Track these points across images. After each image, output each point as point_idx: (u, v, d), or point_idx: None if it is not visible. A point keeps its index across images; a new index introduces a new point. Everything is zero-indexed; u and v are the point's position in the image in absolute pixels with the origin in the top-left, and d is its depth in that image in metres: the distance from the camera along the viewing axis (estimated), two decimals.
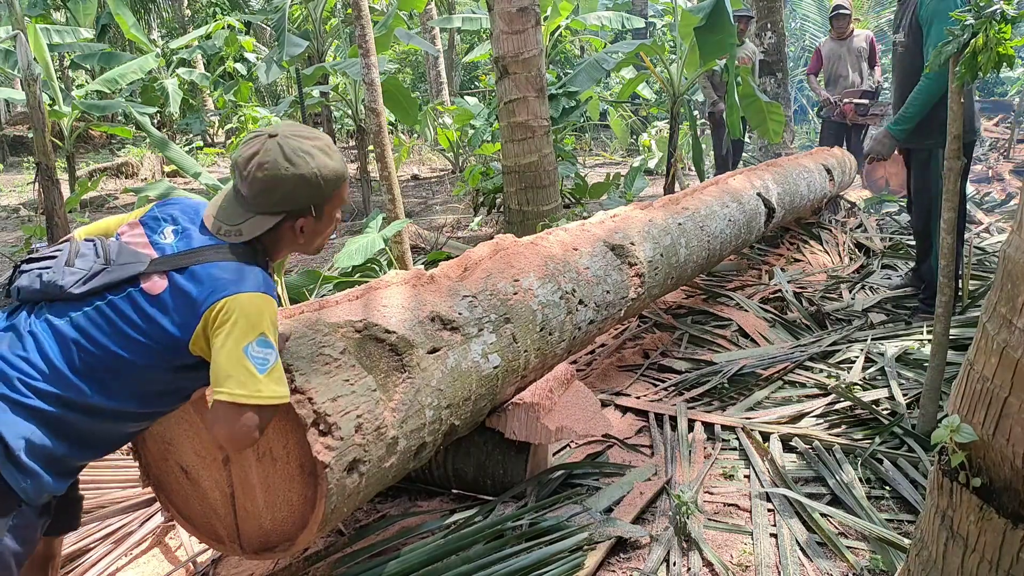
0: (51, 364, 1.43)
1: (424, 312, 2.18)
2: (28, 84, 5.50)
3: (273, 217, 1.59)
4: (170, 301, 1.48)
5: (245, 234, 1.57)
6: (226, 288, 1.48)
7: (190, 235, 1.58)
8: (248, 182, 1.57)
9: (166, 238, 1.57)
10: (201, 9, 15.57)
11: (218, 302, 1.47)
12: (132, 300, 1.48)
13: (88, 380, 1.45)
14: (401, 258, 4.87)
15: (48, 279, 1.46)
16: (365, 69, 4.68)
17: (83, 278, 1.47)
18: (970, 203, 6.88)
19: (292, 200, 1.58)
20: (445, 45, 16.22)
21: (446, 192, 9.89)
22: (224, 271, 1.51)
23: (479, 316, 2.33)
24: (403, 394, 1.96)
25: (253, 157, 1.57)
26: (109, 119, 10.17)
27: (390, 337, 2.00)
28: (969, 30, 2.45)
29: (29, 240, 6.30)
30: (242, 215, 1.59)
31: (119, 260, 1.50)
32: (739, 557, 2.19)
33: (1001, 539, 1.14)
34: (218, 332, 1.46)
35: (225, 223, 1.58)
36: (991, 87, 15.42)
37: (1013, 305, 1.13)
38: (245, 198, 1.59)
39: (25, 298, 1.49)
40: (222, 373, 1.45)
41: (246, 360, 1.45)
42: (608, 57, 7.22)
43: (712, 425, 2.96)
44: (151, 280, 1.49)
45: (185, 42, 10.61)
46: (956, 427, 1.19)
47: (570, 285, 2.77)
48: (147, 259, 1.51)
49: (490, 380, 2.31)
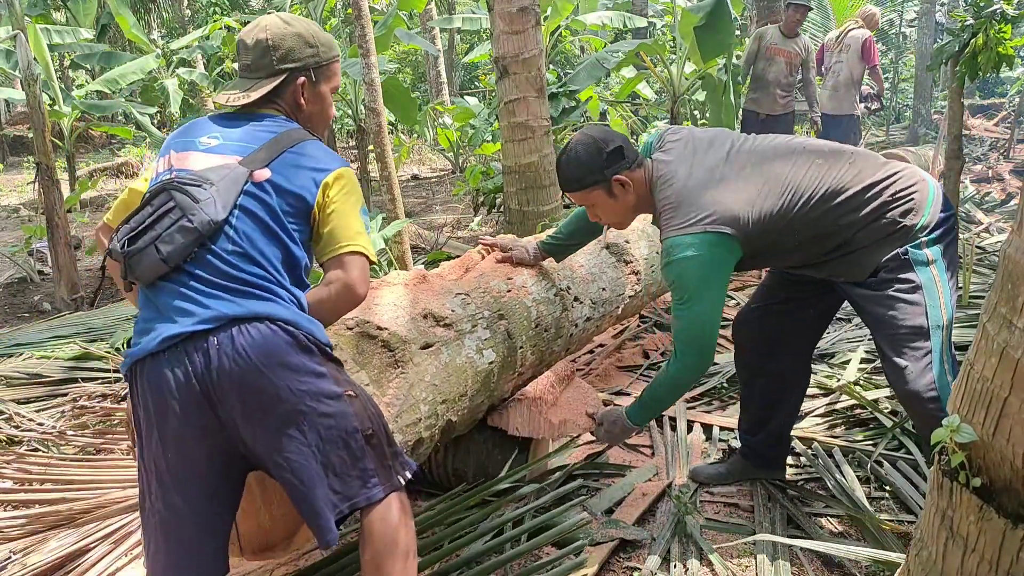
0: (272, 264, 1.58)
1: (417, 310, 2.20)
2: (28, 84, 5.49)
3: (275, 78, 1.70)
4: (283, 180, 1.59)
5: (252, 95, 1.68)
6: (332, 161, 1.65)
7: (233, 131, 1.66)
8: (251, 48, 1.69)
9: (210, 143, 1.64)
10: (201, 9, 15.56)
11: (331, 172, 1.63)
12: (252, 194, 1.58)
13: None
14: (401, 258, 4.87)
15: (200, 220, 1.50)
16: (365, 69, 4.68)
17: (215, 203, 1.52)
18: (970, 203, 6.89)
19: (292, 56, 1.70)
20: (445, 45, 16.22)
21: (446, 192, 9.89)
22: (321, 148, 1.68)
23: (472, 313, 2.35)
24: (397, 389, 1.97)
25: (254, 27, 1.72)
26: (109, 119, 10.17)
27: (382, 334, 2.03)
28: (969, 30, 2.45)
29: (29, 240, 6.30)
30: (248, 83, 1.71)
31: (217, 177, 1.56)
32: (739, 557, 2.19)
33: (1001, 539, 1.14)
34: (340, 196, 1.63)
35: (233, 92, 1.70)
36: (991, 87, 15.43)
37: (1013, 305, 1.13)
38: (249, 66, 1.71)
39: (180, 255, 1.51)
40: (352, 229, 1.62)
41: (362, 220, 1.66)
42: (608, 56, 7.22)
43: (710, 426, 2.96)
44: (255, 174, 1.59)
45: (185, 42, 10.61)
46: (956, 427, 1.19)
47: (565, 282, 2.78)
48: (235, 164, 1.59)
49: (486, 376, 2.31)
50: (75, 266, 5.74)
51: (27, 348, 4.10)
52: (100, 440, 3.03)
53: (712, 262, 2.00)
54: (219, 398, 1.48)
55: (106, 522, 2.43)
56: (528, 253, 2.68)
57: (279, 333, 1.50)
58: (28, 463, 2.80)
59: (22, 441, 3.09)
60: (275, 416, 1.50)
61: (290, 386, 1.49)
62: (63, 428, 3.16)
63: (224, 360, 1.46)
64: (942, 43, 3.62)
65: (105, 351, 3.93)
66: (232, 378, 1.47)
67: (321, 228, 1.62)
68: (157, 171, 1.66)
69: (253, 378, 1.47)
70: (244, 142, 1.64)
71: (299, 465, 1.51)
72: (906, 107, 14.93)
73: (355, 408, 1.57)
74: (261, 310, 1.51)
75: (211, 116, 1.74)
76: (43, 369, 3.75)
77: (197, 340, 1.47)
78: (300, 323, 1.54)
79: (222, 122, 1.70)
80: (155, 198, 1.55)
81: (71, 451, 3.00)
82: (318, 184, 1.61)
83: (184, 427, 1.50)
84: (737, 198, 2.00)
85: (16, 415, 3.28)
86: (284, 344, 1.50)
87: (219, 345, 1.47)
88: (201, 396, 1.48)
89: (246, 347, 1.47)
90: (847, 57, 6.84)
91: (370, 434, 1.58)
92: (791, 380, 2.43)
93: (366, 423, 1.58)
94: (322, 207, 1.62)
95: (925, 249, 1.97)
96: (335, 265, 1.62)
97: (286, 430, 1.50)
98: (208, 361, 1.47)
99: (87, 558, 2.29)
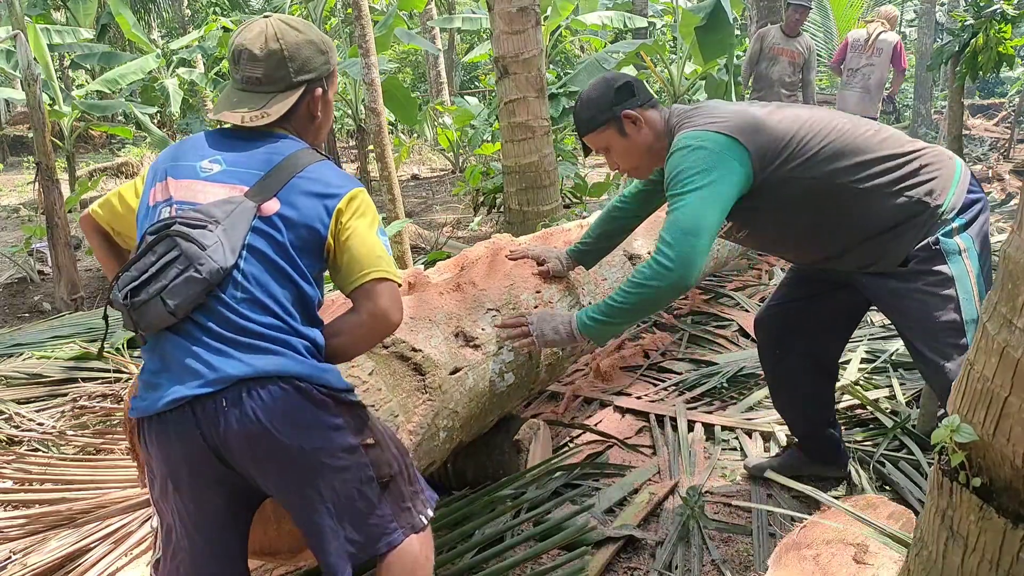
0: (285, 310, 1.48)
1: (450, 328, 2.17)
2: (28, 84, 5.49)
3: (294, 91, 1.57)
4: (292, 212, 1.48)
5: (272, 114, 1.54)
6: (344, 184, 1.54)
7: (237, 156, 1.53)
8: (263, 59, 1.54)
9: (212, 169, 1.52)
10: (201, 9, 15.57)
11: (342, 196, 1.51)
12: (260, 231, 1.47)
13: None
14: (401, 258, 4.87)
15: (208, 269, 1.40)
16: (365, 69, 4.68)
17: (223, 248, 1.42)
18: None
19: (309, 67, 1.58)
20: (445, 45, 16.22)
21: (446, 192, 9.89)
22: (330, 168, 1.56)
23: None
24: (422, 416, 1.94)
25: (261, 34, 1.55)
26: (109, 119, 10.16)
27: (416, 356, 1.99)
28: (969, 30, 2.44)
29: (29, 240, 6.30)
30: (262, 98, 1.55)
31: (222, 214, 1.45)
32: (740, 557, 2.19)
33: (1001, 539, 1.14)
34: (354, 220, 1.52)
35: (247, 111, 1.54)
36: (991, 87, 15.43)
37: (1013, 305, 1.13)
38: (259, 79, 1.55)
39: (189, 306, 1.41)
40: (373, 254, 1.51)
41: (381, 243, 1.54)
42: (609, 56, 7.23)
43: (712, 426, 2.95)
44: (263, 207, 1.48)
45: (185, 42, 10.61)
46: (956, 427, 1.19)
47: (587, 297, 2.75)
48: (241, 197, 1.48)
49: (502, 397, 2.32)
50: (75, 266, 5.74)
51: (27, 348, 4.10)
52: (100, 440, 3.03)
53: (719, 158, 1.89)
54: (230, 455, 1.44)
55: (106, 522, 2.43)
56: (562, 264, 2.62)
57: (291, 392, 1.43)
58: (28, 463, 2.80)
59: (22, 441, 3.09)
60: (288, 476, 1.46)
61: (303, 446, 1.43)
62: (63, 428, 3.16)
63: (233, 423, 1.40)
64: (942, 43, 3.62)
65: (106, 351, 3.93)
66: (242, 440, 1.41)
67: (339, 257, 1.52)
68: (155, 198, 1.54)
69: (265, 441, 1.42)
70: (249, 168, 1.51)
71: (313, 522, 1.48)
72: (906, 107, 14.93)
73: (372, 456, 1.51)
74: (271, 368, 1.42)
75: (208, 133, 1.60)
76: (43, 369, 3.75)
77: (205, 402, 1.40)
78: (313, 375, 1.45)
79: (222, 142, 1.56)
80: (158, 244, 1.44)
81: (71, 451, 3.00)
82: (330, 212, 1.50)
83: (197, 480, 1.47)
84: (755, 115, 1.97)
85: (16, 415, 3.28)
86: (296, 403, 1.43)
87: (228, 408, 1.40)
88: (211, 454, 1.43)
89: (256, 410, 1.40)
90: (879, 61, 6.85)
91: (388, 480, 1.53)
92: (816, 377, 2.35)
93: (384, 469, 1.53)
94: (336, 236, 1.51)
95: (956, 237, 1.89)
96: (362, 295, 1.51)
97: (300, 489, 1.47)
98: (217, 424, 1.40)
99: (87, 558, 2.29)
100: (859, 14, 12.82)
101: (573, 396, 3.27)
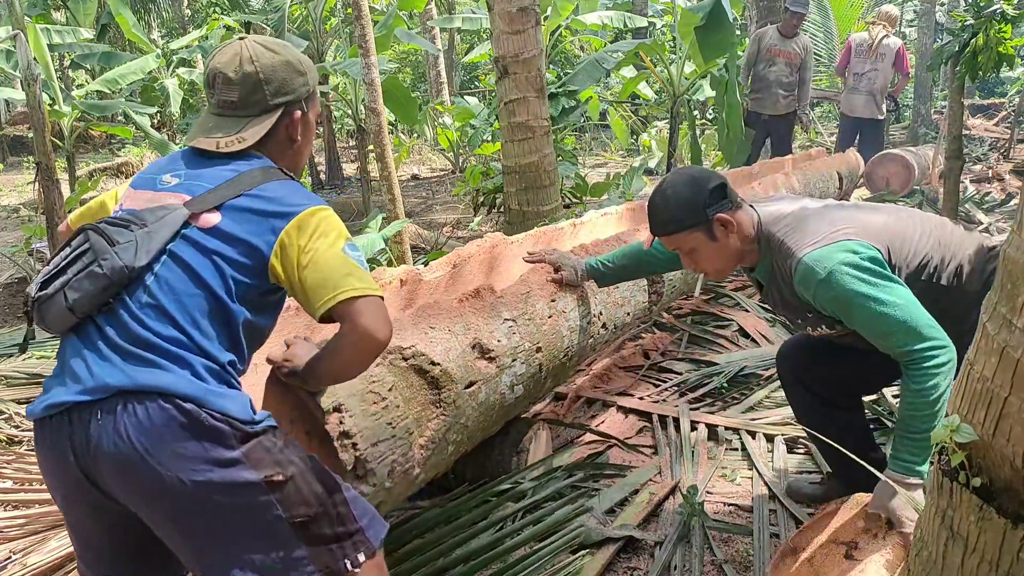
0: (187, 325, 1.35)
1: (468, 339, 2.16)
2: (28, 84, 5.49)
3: (270, 115, 1.52)
4: (233, 227, 1.39)
5: (248, 139, 1.48)
6: (299, 203, 1.43)
7: (198, 171, 1.46)
8: (238, 83, 1.49)
9: (170, 182, 1.46)
10: (201, 9, 15.57)
11: (298, 215, 1.41)
12: (190, 240, 1.38)
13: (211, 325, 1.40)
14: (401, 258, 4.87)
15: (111, 266, 1.30)
16: (365, 69, 4.68)
17: (137, 248, 1.33)
18: (970, 203, 6.89)
19: (286, 89, 1.52)
20: (445, 45, 16.21)
21: (446, 192, 9.89)
22: (288, 187, 1.46)
23: (515, 345, 2.32)
24: (434, 431, 1.92)
25: (235, 56, 1.50)
26: (109, 119, 10.16)
27: (434, 370, 1.96)
28: (969, 30, 2.45)
29: (29, 240, 6.30)
30: (238, 122, 1.50)
31: (152, 218, 1.37)
32: (740, 557, 2.19)
33: (1001, 539, 1.14)
34: (314, 242, 1.40)
35: (221, 136, 1.49)
36: (991, 87, 15.42)
37: (1013, 305, 1.12)
38: (235, 103, 1.50)
39: (88, 304, 1.32)
40: (338, 274, 1.38)
41: (351, 259, 1.41)
42: (608, 56, 7.22)
43: (715, 426, 2.96)
44: (200, 218, 1.39)
45: (185, 42, 10.60)
46: (956, 427, 1.19)
47: (599, 307, 2.76)
48: (178, 205, 1.40)
49: (508, 408, 2.33)
50: None
51: (27, 348, 4.11)
52: None
53: (870, 264, 1.76)
54: (100, 479, 1.29)
55: None
56: (576, 274, 2.60)
57: (172, 413, 1.26)
58: (28, 463, 2.80)
59: (22, 441, 3.09)
60: (161, 509, 1.29)
61: (181, 477, 1.25)
62: None
63: (104, 440, 1.25)
64: (942, 43, 3.62)
65: None
66: (111, 462, 1.26)
67: (300, 283, 1.39)
68: (117, 207, 1.50)
69: (133, 464, 1.25)
70: (202, 182, 1.45)
71: (200, 564, 1.32)
72: (906, 107, 14.92)
73: (281, 494, 1.31)
74: (152, 383, 1.27)
75: (186, 150, 1.54)
76: (43, 369, 3.75)
77: (82, 411, 1.27)
78: (205, 399, 1.29)
79: (192, 159, 1.50)
80: (76, 237, 1.37)
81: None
82: (276, 231, 1.39)
83: (71, 506, 1.37)
84: (870, 219, 1.89)
85: (16, 415, 3.28)
86: (177, 427, 1.26)
87: (101, 419, 1.26)
88: (81, 475, 1.29)
89: (128, 428, 1.25)
90: (883, 65, 7.10)
91: (302, 520, 1.33)
92: (848, 404, 2.22)
93: (298, 508, 1.33)
94: (291, 262, 1.39)
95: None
96: (338, 318, 1.39)
97: (177, 525, 1.30)
98: (87, 439, 1.26)
99: None
100: (859, 14, 12.81)
101: (575, 396, 3.27)
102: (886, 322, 1.73)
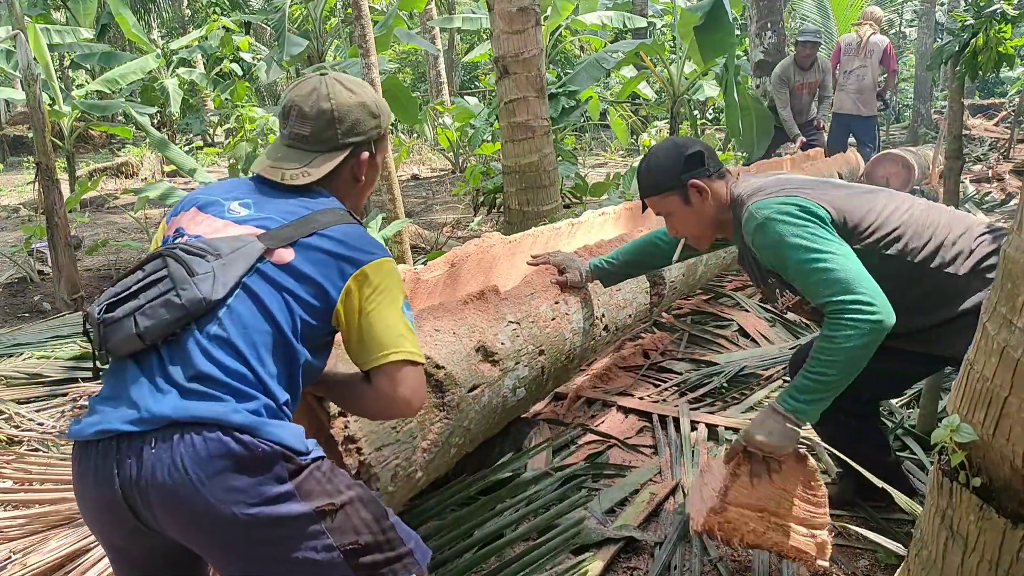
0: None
1: (472, 341, 2.17)
2: (28, 84, 5.49)
3: (339, 153, 1.52)
4: (306, 266, 1.39)
5: (314, 174, 1.49)
6: (369, 250, 1.43)
7: (267, 202, 1.46)
8: (312, 118, 1.50)
9: (239, 212, 1.44)
10: (201, 9, 15.57)
11: (367, 264, 1.42)
12: (264, 275, 1.36)
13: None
14: (401, 258, 4.87)
15: (190, 297, 1.29)
16: (365, 69, 4.69)
17: (215, 280, 1.32)
18: (970, 203, 6.90)
19: (358, 130, 1.54)
20: (445, 45, 16.22)
21: (446, 192, 9.89)
22: (358, 231, 1.46)
23: (518, 348, 2.32)
24: (437, 435, 1.93)
25: (313, 91, 1.52)
26: (109, 119, 10.16)
27: (439, 373, 1.97)
28: (969, 30, 2.44)
29: (29, 240, 6.30)
30: (306, 156, 1.51)
31: (227, 249, 1.36)
32: (740, 557, 2.19)
33: (1001, 539, 1.14)
34: (376, 295, 1.41)
35: (288, 168, 1.49)
36: (991, 87, 15.43)
37: (1013, 305, 1.13)
38: (307, 137, 1.51)
39: (160, 333, 1.29)
40: (394, 332, 1.40)
41: (406, 320, 1.43)
42: (608, 56, 7.23)
43: (715, 426, 2.95)
44: (275, 253, 1.38)
45: (185, 42, 10.61)
46: (956, 427, 1.19)
47: (602, 309, 2.76)
48: (252, 239, 1.38)
49: (510, 411, 2.34)
50: (75, 266, 5.73)
51: (27, 348, 4.11)
52: None
53: (809, 217, 1.83)
54: (140, 508, 1.27)
55: None
56: (580, 276, 2.62)
57: (229, 445, 1.25)
58: (28, 463, 2.80)
59: (22, 441, 3.09)
60: (210, 537, 1.28)
61: (234, 511, 1.24)
62: (63, 428, 3.16)
63: (159, 470, 1.24)
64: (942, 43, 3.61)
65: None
66: (163, 492, 1.24)
67: (357, 331, 1.40)
68: (174, 227, 1.47)
69: (186, 495, 1.24)
70: (274, 216, 1.43)
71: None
72: (906, 107, 14.93)
73: (332, 523, 1.31)
74: (208, 414, 1.25)
75: (252, 178, 1.54)
76: (43, 369, 3.75)
77: (132, 440, 1.26)
78: (260, 429, 1.28)
79: (259, 189, 1.50)
80: (149, 262, 1.36)
81: (71, 451, 3.00)
82: (345, 277, 1.40)
83: (113, 528, 1.35)
84: (834, 189, 1.95)
85: (16, 415, 3.28)
86: (232, 459, 1.25)
87: (155, 450, 1.24)
88: (123, 503, 1.27)
89: (184, 459, 1.23)
90: (871, 62, 7.27)
91: (354, 549, 1.32)
92: (861, 411, 2.20)
93: (348, 536, 1.32)
94: (353, 308, 1.40)
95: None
96: (380, 377, 1.40)
97: (226, 553, 1.29)
98: (140, 469, 1.25)
99: (87, 558, 2.28)
100: (859, 15, 12.83)
101: (575, 396, 3.27)
102: (816, 272, 1.76)
